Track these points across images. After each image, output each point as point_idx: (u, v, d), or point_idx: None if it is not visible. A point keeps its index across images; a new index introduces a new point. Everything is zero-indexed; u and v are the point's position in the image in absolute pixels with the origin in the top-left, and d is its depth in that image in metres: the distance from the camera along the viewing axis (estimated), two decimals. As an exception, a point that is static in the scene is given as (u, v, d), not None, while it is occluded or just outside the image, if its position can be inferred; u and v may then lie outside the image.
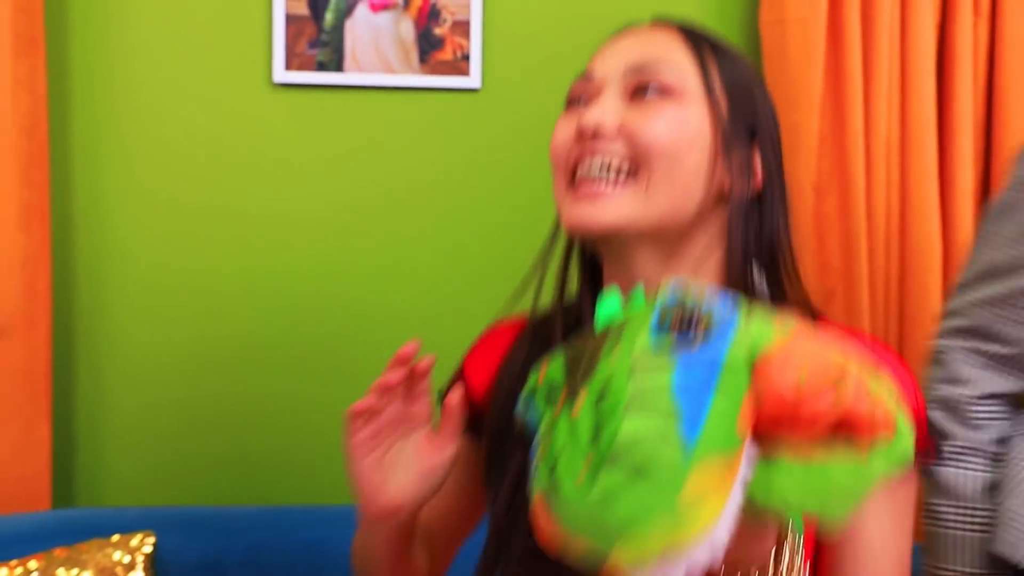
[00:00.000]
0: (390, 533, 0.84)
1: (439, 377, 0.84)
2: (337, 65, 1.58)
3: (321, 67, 1.58)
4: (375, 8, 1.58)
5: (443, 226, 1.61)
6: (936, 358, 1.12)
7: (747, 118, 0.82)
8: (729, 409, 0.50)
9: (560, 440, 0.53)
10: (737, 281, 0.81)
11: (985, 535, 1.07)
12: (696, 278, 0.82)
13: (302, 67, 1.57)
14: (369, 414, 0.78)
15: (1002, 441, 1.08)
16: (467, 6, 1.59)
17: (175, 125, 1.55)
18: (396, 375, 0.78)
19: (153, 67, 1.56)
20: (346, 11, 1.57)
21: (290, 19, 1.56)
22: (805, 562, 0.59)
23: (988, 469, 1.08)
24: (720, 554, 0.50)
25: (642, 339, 0.53)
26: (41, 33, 1.46)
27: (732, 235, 0.81)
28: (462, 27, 1.59)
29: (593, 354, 0.55)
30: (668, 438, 0.49)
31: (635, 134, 0.79)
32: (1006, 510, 1.04)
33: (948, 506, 1.09)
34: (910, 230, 1.55)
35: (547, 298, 0.89)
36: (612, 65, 0.82)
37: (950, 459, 1.08)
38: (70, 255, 1.55)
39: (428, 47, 1.59)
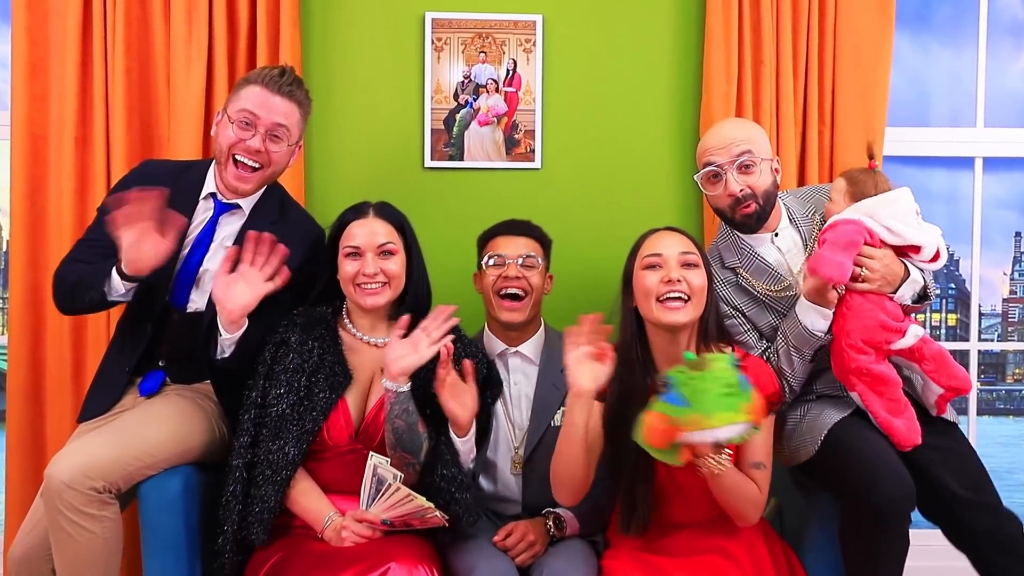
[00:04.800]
0: None
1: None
2: (460, 156, 2.79)
3: (451, 158, 2.79)
4: (481, 124, 2.79)
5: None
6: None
7: (709, 275, 2.06)
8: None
9: (707, 383, 1.76)
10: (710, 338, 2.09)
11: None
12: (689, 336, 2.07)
13: (440, 158, 2.78)
14: None
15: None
16: (533, 122, 2.80)
17: (371, 193, 2.73)
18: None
19: (355, 157, 2.77)
20: (465, 126, 2.78)
21: (434, 132, 2.78)
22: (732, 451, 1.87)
23: None
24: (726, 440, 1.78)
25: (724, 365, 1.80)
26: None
27: (704, 320, 2.07)
28: (530, 134, 2.80)
29: (701, 366, 1.79)
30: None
31: (689, 282, 2.01)
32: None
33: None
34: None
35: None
36: (670, 251, 2.04)
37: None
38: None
39: (511, 145, 2.80)
